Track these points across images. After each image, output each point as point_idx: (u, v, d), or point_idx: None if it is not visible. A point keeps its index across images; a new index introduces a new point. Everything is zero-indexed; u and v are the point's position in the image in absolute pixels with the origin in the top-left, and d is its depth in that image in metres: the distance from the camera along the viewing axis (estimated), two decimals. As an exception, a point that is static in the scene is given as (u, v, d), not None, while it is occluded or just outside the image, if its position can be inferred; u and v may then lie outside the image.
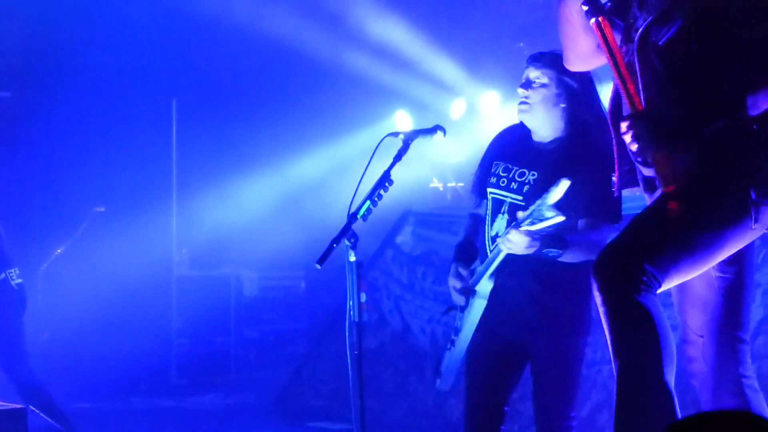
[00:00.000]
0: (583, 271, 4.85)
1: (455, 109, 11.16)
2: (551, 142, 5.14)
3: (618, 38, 4.00)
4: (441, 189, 11.15)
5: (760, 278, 7.29)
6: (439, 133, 5.08)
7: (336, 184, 10.63)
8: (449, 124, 10.57)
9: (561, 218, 4.68)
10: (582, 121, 5.07)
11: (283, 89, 12.16)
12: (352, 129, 11.59)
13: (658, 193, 3.80)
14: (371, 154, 4.87)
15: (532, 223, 4.76)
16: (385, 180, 4.88)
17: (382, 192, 4.87)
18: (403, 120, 11.47)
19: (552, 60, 5.04)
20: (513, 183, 5.15)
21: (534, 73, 5.11)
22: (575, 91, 5.06)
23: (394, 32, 11.64)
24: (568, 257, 4.91)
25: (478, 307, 5.12)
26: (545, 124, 5.15)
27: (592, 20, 3.89)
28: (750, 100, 3.63)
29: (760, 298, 7.27)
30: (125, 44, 11.76)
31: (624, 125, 3.76)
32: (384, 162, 4.98)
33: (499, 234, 5.02)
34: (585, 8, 3.91)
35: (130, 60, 11.84)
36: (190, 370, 11.34)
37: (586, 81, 5.07)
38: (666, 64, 3.78)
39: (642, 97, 3.80)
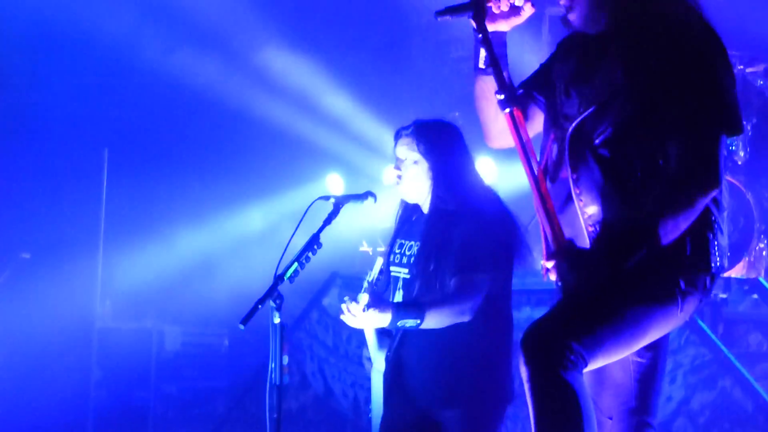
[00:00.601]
0: (491, 338, 4.86)
1: (387, 174, 11.17)
2: (429, 210, 5.19)
3: (531, 120, 4.02)
4: (370, 253, 11.14)
5: (682, 359, 7.37)
6: (370, 199, 5.11)
7: (265, 243, 10.60)
8: (381, 188, 10.60)
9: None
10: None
11: (217, 144, 12.14)
12: (283, 189, 11.59)
13: None
14: (301, 217, 4.87)
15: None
16: (313, 243, 4.88)
17: (310, 255, 4.88)
18: (335, 183, 11.48)
19: (417, 132, 5.09)
20: (404, 257, 5.19)
21: (401, 151, 5.15)
22: (444, 159, 5.11)
23: (331, 94, 11.68)
24: (430, 324, 4.91)
25: (375, 379, 5.12)
26: (423, 196, 5.18)
27: (506, 110, 3.85)
28: (667, 226, 3.65)
29: (682, 379, 7.33)
30: (60, 90, 11.69)
31: (549, 264, 3.76)
32: (314, 224, 4.99)
33: None
34: (500, 97, 3.86)
35: (64, 107, 11.76)
36: (107, 424, 11.17)
37: (456, 142, 5.13)
38: (598, 162, 3.79)
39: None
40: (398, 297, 5.20)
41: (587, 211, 3.81)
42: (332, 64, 11.83)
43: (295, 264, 4.83)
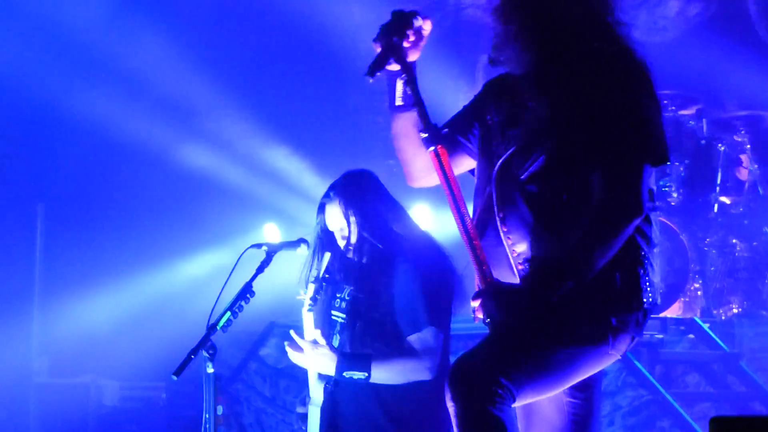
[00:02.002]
0: (430, 384, 4.85)
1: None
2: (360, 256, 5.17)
3: (460, 159, 4.02)
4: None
5: (620, 400, 7.39)
6: (303, 246, 5.11)
7: (202, 295, 10.52)
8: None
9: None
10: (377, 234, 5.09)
11: (152, 196, 12.07)
12: (220, 240, 11.53)
13: None
14: (233, 266, 4.85)
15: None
16: (246, 292, 4.87)
17: (243, 303, 4.86)
18: (271, 232, 11.43)
19: (339, 196, 5.11)
20: (342, 302, 5.20)
21: (333, 222, 5.18)
22: (369, 208, 5.12)
23: (267, 144, 11.68)
24: (381, 378, 4.91)
25: (312, 415, 5.10)
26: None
27: (431, 149, 3.84)
28: (592, 257, 3.66)
29: (620, 421, 7.35)
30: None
31: (476, 303, 3.76)
32: (248, 273, 4.97)
33: None
34: (424, 135, 3.86)
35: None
36: (45, 482, 11.03)
37: (377, 189, 5.15)
38: (525, 199, 3.80)
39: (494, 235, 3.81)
40: (335, 341, 5.18)
41: (516, 249, 3.82)
42: (268, 114, 11.83)
43: (228, 313, 4.81)
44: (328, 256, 5.07)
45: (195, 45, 11.76)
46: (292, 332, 5.02)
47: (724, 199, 9.18)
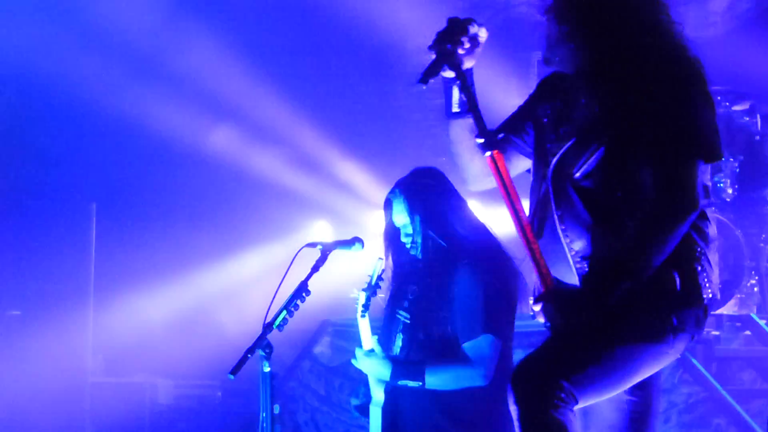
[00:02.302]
0: (487, 402, 4.85)
1: (375, 221, 11.16)
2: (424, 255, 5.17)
3: (516, 160, 4.02)
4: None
5: (675, 398, 7.35)
6: (357, 246, 5.10)
7: (255, 293, 10.56)
8: (369, 235, 10.59)
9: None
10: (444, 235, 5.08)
11: (205, 196, 12.14)
12: (272, 238, 11.57)
13: None
14: (288, 265, 4.86)
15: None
16: (301, 291, 4.87)
17: (298, 302, 4.87)
18: (323, 230, 11.47)
19: (403, 194, 5.10)
20: (406, 302, 5.20)
21: (399, 219, 5.17)
22: (432, 206, 5.11)
23: (318, 143, 11.70)
24: (436, 385, 4.91)
25: (374, 414, 5.11)
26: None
27: (487, 154, 3.83)
28: (648, 256, 3.66)
29: (676, 418, 7.32)
30: (46, 146, 11.70)
31: (537, 307, 3.76)
32: (303, 272, 4.98)
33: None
34: (480, 141, 3.85)
35: (50, 162, 11.77)
36: (102, 480, 11.11)
37: (440, 185, 5.14)
38: (581, 196, 3.81)
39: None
40: (398, 341, 5.19)
41: (574, 247, 3.81)
42: (318, 113, 11.86)
43: (284, 312, 4.82)
44: (380, 263, 5.07)
45: (244, 45, 11.82)
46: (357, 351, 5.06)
47: (779, 194, 9.12)
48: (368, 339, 5.07)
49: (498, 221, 10.05)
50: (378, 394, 5.10)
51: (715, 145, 3.77)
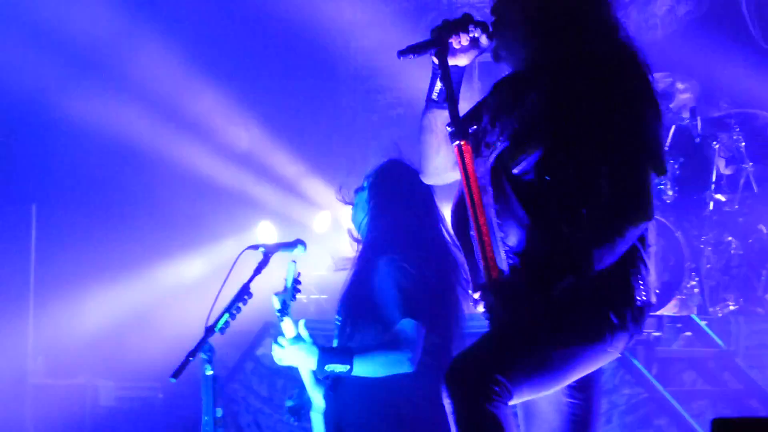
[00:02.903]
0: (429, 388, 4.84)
1: (320, 222, 11.17)
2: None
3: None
4: (305, 301, 11.09)
5: (617, 399, 7.39)
6: (300, 248, 5.10)
7: (196, 294, 10.52)
8: (312, 236, 10.60)
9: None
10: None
11: (147, 196, 12.07)
12: (214, 239, 11.54)
13: None
14: (230, 268, 4.85)
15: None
16: (243, 293, 4.86)
17: (240, 305, 4.86)
18: (266, 231, 11.43)
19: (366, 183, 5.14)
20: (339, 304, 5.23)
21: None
22: (376, 208, 5.16)
23: (260, 142, 11.68)
24: (364, 371, 4.90)
25: (315, 420, 5.11)
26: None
27: (455, 143, 3.85)
28: (596, 255, 3.68)
29: (618, 419, 7.36)
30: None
31: (476, 295, 3.77)
32: (245, 274, 4.97)
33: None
34: (449, 129, 3.87)
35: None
36: (41, 483, 11.02)
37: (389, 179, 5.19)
38: (517, 193, 3.82)
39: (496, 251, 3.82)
40: (334, 344, 5.20)
41: (508, 242, 3.83)
42: (262, 114, 11.83)
43: (226, 315, 4.81)
44: (293, 266, 5.06)
45: (190, 45, 11.77)
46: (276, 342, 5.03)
47: (718, 196, 9.19)
48: (291, 330, 5.02)
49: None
50: (317, 399, 5.08)
51: (662, 160, 3.82)
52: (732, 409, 7.94)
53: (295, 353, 4.93)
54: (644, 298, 3.83)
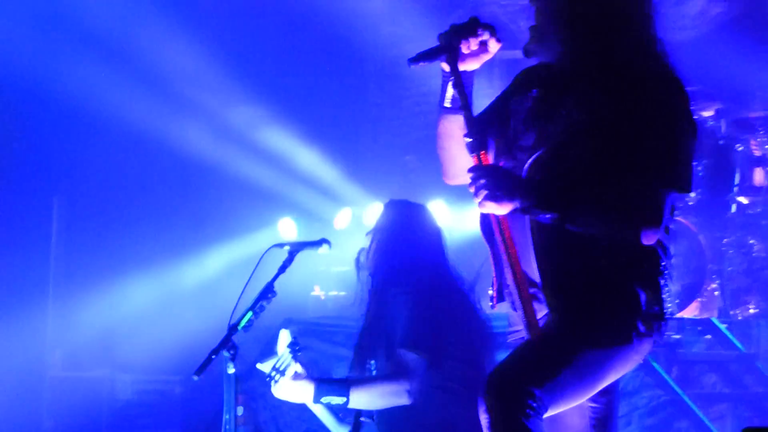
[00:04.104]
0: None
1: (340, 218, 11.15)
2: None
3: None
4: (322, 297, 11.09)
5: (637, 401, 7.39)
6: (325, 246, 5.10)
7: (218, 290, 10.52)
8: (333, 233, 10.58)
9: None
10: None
11: (168, 191, 12.08)
12: (236, 235, 11.54)
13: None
14: (255, 265, 4.84)
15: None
16: (267, 292, 4.86)
17: (264, 304, 4.86)
18: (287, 227, 11.41)
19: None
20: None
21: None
22: (385, 241, 5.20)
23: (281, 138, 11.67)
24: (360, 403, 4.94)
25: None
26: None
27: (473, 155, 3.83)
28: (592, 222, 3.76)
29: (638, 421, 7.36)
30: (7, 138, 11.61)
31: (470, 175, 3.77)
32: (266, 270, 4.96)
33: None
34: (468, 140, 3.84)
35: (11, 154, 11.67)
36: (59, 474, 11.05)
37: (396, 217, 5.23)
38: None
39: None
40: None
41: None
42: (285, 109, 11.82)
43: (250, 313, 4.81)
44: (286, 332, 5.11)
45: (214, 40, 11.77)
46: (258, 365, 5.06)
47: (741, 199, 9.15)
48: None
49: (461, 220, 10.05)
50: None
51: (691, 178, 3.83)
52: (752, 413, 7.93)
53: (291, 387, 4.95)
54: (669, 308, 3.87)
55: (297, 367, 4.98)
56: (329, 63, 12.29)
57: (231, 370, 4.73)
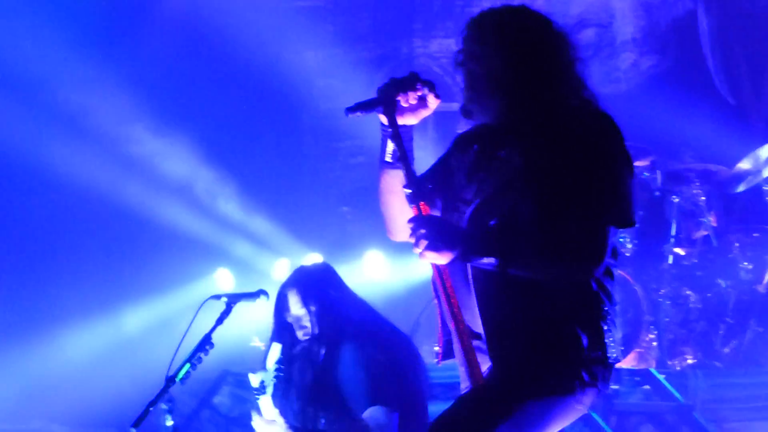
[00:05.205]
0: None
1: (278, 268, 11.14)
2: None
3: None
4: (261, 348, 11.02)
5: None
6: (263, 298, 5.10)
7: (154, 342, 10.45)
8: (271, 283, 10.53)
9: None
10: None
11: (101, 241, 12.00)
12: (172, 285, 11.46)
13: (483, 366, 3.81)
14: (192, 317, 4.82)
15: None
16: (205, 343, 4.84)
17: (202, 355, 4.84)
18: (224, 278, 11.38)
19: (299, 290, 5.19)
20: (301, 390, 5.37)
21: (295, 309, 5.33)
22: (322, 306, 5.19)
23: (217, 189, 11.66)
24: None
25: None
26: None
27: (413, 205, 3.83)
28: (533, 261, 3.75)
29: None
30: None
31: (410, 225, 3.77)
32: (204, 322, 4.94)
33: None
34: (407, 191, 3.85)
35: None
36: None
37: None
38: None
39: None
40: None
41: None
42: (221, 160, 11.80)
43: (187, 365, 4.78)
44: (278, 347, 5.09)
45: (143, 86, 11.71)
46: (250, 375, 5.05)
47: (677, 250, 9.23)
48: (270, 413, 5.06)
49: (397, 271, 10.05)
50: None
51: (630, 211, 3.85)
52: (689, 464, 7.97)
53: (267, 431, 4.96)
54: (614, 355, 3.86)
55: (277, 417, 4.95)
56: (265, 115, 12.29)
57: (169, 422, 4.70)
